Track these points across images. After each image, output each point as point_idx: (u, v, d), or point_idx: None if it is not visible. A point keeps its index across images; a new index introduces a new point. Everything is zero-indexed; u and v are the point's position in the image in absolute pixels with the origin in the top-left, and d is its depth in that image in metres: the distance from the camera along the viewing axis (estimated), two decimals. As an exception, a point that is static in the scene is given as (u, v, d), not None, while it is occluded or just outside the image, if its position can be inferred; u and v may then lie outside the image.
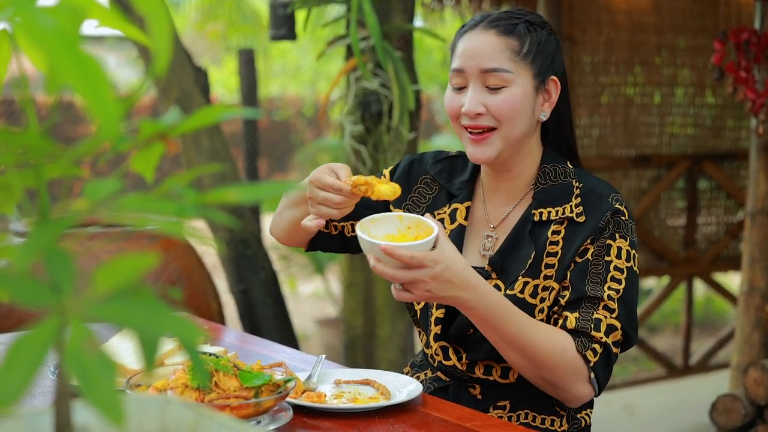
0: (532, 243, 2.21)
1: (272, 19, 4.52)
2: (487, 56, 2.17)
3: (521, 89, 2.17)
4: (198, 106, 4.57)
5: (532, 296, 2.18)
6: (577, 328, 2.12)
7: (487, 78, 2.17)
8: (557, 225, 2.21)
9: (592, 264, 2.15)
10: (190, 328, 0.92)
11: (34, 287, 0.90)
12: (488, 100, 2.17)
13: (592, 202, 2.20)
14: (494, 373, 2.24)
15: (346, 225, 2.42)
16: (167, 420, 1.09)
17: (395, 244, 1.98)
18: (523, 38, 2.18)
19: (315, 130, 13.09)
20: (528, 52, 2.18)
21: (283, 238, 2.46)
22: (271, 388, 1.89)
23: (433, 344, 2.29)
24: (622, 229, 2.18)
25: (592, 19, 5.61)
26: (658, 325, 8.09)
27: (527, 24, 2.20)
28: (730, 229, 6.18)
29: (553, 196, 2.23)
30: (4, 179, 1.01)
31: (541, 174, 2.26)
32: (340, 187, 2.08)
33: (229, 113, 1.05)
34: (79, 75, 0.87)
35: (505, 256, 2.23)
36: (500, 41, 2.18)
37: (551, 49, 2.22)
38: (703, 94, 6.07)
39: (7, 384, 0.83)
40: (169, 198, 1.00)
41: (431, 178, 2.39)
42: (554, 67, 2.23)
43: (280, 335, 4.74)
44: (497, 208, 2.32)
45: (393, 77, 3.97)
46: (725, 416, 4.12)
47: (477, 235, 2.32)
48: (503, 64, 2.16)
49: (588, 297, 2.13)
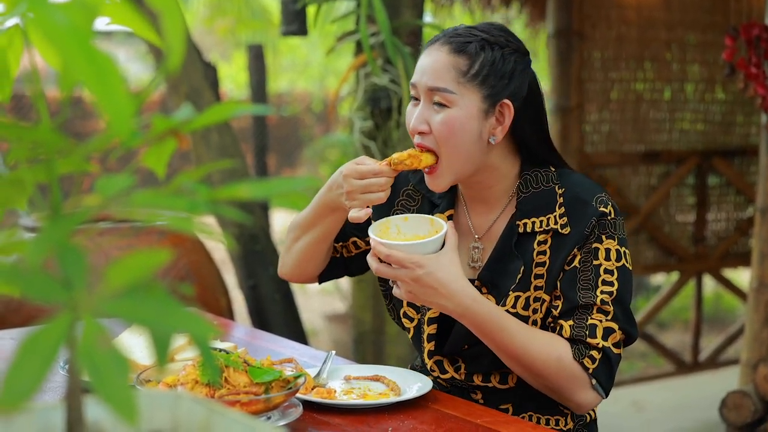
0: (519, 257, 2.17)
1: (283, 15, 4.52)
2: (434, 74, 2.11)
3: (463, 112, 2.09)
4: (207, 102, 4.57)
5: (525, 309, 2.16)
6: (573, 336, 2.10)
7: (433, 96, 2.11)
8: (543, 235, 2.16)
9: (581, 271, 2.12)
10: (202, 324, 0.92)
11: (46, 283, 0.90)
12: (432, 118, 2.12)
13: (576, 209, 2.15)
14: (493, 380, 2.23)
15: (348, 245, 2.42)
16: (179, 416, 1.09)
17: (380, 240, 2.04)
18: (473, 58, 2.10)
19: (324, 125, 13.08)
20: (477, 74, 2.09)
21: (295, 274, 2.44)
22: (281, 384, 1.89)
23: (428, 360, 2.27)
24: (608, 229, 2.13)
25: (602, 15, 5.60)
26: (667, 322, 8.08)
27: (483, 43, 2.11)
28: (740, 226, 6.17)
29: (536, 205, 2.17)
30: (15, 174, 1.01)
31: (522, 182, 2.20)
32: (381, 169, 2.10)
33: (239, 110, 1.05)
34: (91, 72, 0.87)
35: (494, 271, 2.19)
36: (449, 59, 2.11)
37: (507, 69, 2.11)
38: (713, 90, 6.05)
39: (20, 380, 0.83)
40: (180, 194, 1.00)
41: (412, 188, 2.35)
42: (511, 88, 2.12)
43: (289, 331, 4.74)
44: (480, 216, 2.27)
45: (402, 73, 3.97)
46: (735, 413, 4.11)
47: (463, 246, 2.26)
48: (447, 84, 2.09)
49: (580, 305, 2.11)
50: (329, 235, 2.31)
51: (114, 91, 0.87)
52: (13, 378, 0.83)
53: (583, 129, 5.59)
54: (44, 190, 1.03)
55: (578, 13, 5.45)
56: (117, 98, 0.87)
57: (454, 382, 2.27)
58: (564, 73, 5.43)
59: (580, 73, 5.51)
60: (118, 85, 0.87)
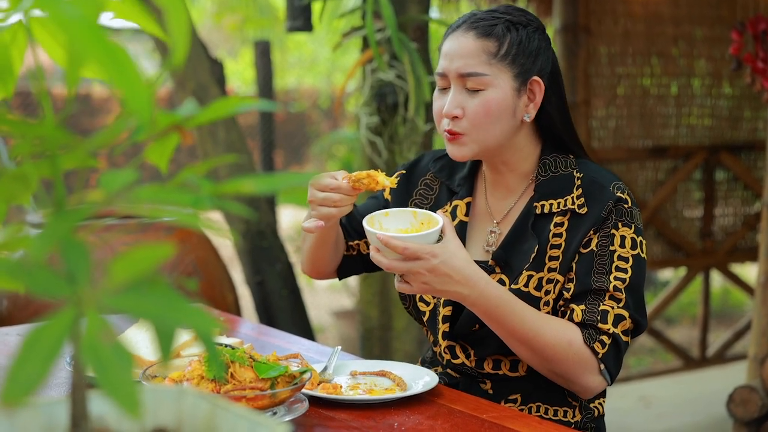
0: (535, 236, 2.21)
1: (289, 11, 4.52)
2: (464, 60, 2.16)
3: (499, 92, 2.15)
4: (214, 98, 4.57)
5: (537, 289, 2.18)
6: (584, 321, 2.12)
7: (465, 81, 2.16)
8: (560, 217, 2.20)
9: (597, 255, 2.15)
10: (206, 318, 0.92)
11: (50, 278, 0.90)
12: (467, 102, 2.16)
13: (594, 192, 2.19)
14: (503, 367, 2.24)
15: (361, 243, 2.44)
16: (183, 411, 1.10)
17: (390, 234, 2.02)
18: (501, 39, 2.16)
19: (331, 121, 13.09)
20: (506, 53, 2.16)
21: (313, 272, 2.48)
22: (287, 379, 1.89)
23: (442, 342, 2.29)
24: (624, 217, 2.17)
25: (609, 9, 5.59)
26: (675, 317, 8.08)
27: (508, 24, 2.17)
28: (747, 220, 6.16)
29: (554, 187, 2.23)
30: (20, 170, 1.02)
31: (542, 166, 2.25)
32: (339, 185, 2.11)
33: (244, 106, 1.05)
34: (108, 62, 0.87)
35: (509, 251, 2.23)
36: (477, 44, 2.16)
37: (534, 47, 2.19)
38: (720, 85, 6.04)
39: (23, 375, 0.83)
40: (184, 189, 1.00)
41: (432, 177, 2.40)
42: (538, 65, 2.19)
43: (296, 327, 4.75)
44: (499, 201, 2.32)
45: (409, 68, 3.97)
46: (742, 407, 4.11)
47: (481, 231, 2.32)
48: (479, 67, 2.15)
49: (594, 289, 2.14)
50: (325, 240, 2.33)
51: (131, 76, 0.88)
52: (17, 373, 0.83)
53: (590, 124, 5.58)
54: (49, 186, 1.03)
55: (585, 8, 5.44)
56: (134, 83, 0.88)
57: (465, 369, 2.28)
58: (570, 69, 5.42)
59: (586, 69, 5.50)
60: (133, 70, 0.88)
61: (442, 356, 2.31)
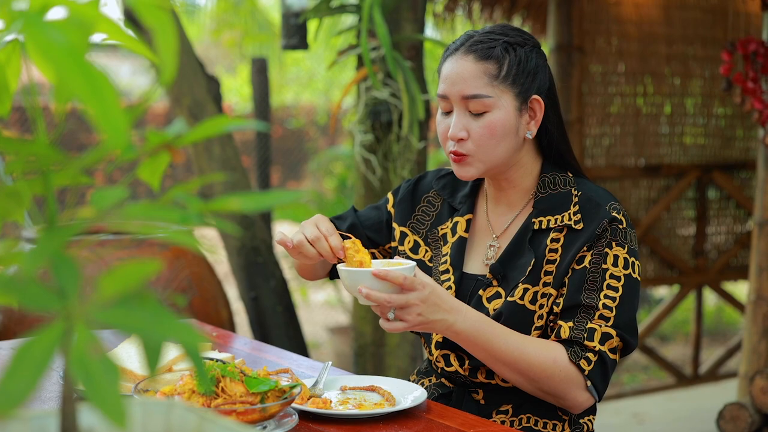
0: (531, 250, 2.25)
1: (284, 29, 4.55)
2: (467, 83, 2.20)
3: (502, 113, 2.20)
4: (210, 115, 4.59)
5: (532, 303, 2.22)
6: (571, 337, 2.15)
7: (468, 104, 2.21)
8: (556, 233, 2.24)
9: (590, 272, 2.18)
10: (194, 333, 0.94)
11: (41, 293, 0.92)
12: (471, 124, 2.21)
13: (590, 209, 2.23)
14: (496, 377, 2.27)
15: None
16: (171, 423, 1.11)
17: (387, 268, 2.04)
18: (501, 60, 2.20)
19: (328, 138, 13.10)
20: (507, 74, 2.20)
21: (307, 274, 2.55)
22: (277, 393, 1.91)
23: (435, 351, 2.33)
24: (618, 237, 2.20)
25: (602, 29, 5.62)
26: (668, 334, 8.09)
27: (506, 44, 2.21)
28: (740, 239, 6.18)
29: (552, 204, 2.27)
30: (14, 187, 1.04)
31: (541, 183, 2.30)
32: (337, 252, 2.19)
33: (236, 125, 1.08)
34: (87, 88, 0.89)
35: (506, 264, 2.28)
36: (478, 66, 2.20)
37: (532, 66, 2.23)
38: (713, 104, 6.07)
39: (13, 387, 0.85)
40: (173, 206, 1.02)
41: (434, 194, 2.46)
42: (537, 83, 2.24)
43: (291, 343, 4.76)
44: (499, 216, 2.37)
45: (403, 87, 3.99)
46: (732, 424, 4.13)
47: (480, 245, 2.37)
48: (482, 89, 2.19)
49: (583, 305, 2.17)
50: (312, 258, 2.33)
51: (109, 105, 0.90)
52: (7, 385, 0.85)
53: (583, 142, 5.61)
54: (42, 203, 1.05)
55: (579, 27, 5.47)
56: (112, 113, 0.90)
57: (458, 377, 2.32)
58: (564, 87, 5.45)
59: (580, 87, 5.53)
60: (112, 99, 0.90)
61: (437, 364, 2.35)
